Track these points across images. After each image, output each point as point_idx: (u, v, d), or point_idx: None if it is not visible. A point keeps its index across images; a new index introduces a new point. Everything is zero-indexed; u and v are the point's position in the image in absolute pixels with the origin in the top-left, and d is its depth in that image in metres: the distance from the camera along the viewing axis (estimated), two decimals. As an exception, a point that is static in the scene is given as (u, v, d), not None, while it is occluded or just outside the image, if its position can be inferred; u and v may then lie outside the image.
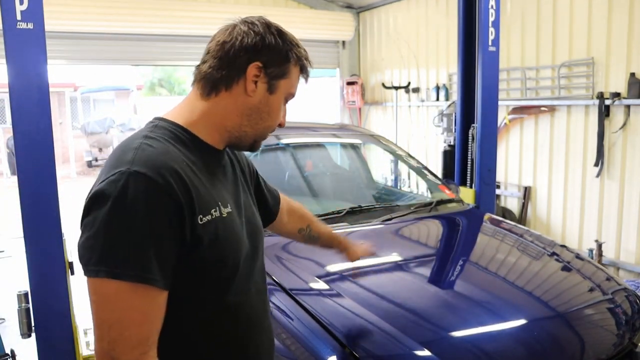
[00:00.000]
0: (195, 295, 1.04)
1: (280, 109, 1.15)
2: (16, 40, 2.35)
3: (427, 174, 3.32)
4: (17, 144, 2.41)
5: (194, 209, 0.97)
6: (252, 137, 1.15)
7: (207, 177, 1.06)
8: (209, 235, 1.00)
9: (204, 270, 1.03)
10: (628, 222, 4.41)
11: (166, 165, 0.95)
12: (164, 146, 1.01)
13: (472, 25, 4.18)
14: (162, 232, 0.92)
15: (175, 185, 0.94)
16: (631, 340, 1.84)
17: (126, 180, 0.91)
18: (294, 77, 1.15)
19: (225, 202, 1.07)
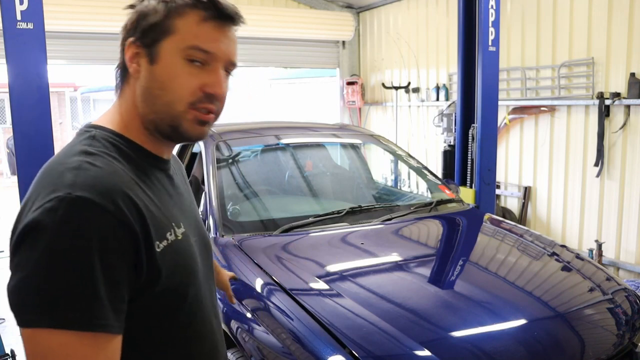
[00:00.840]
0: (157, 331, 0.89)
1: (179, 75, 0.89)
2: (16, 40, 2.35)
3: (427, 174, 3.32)
4: (17, 143, 2.41)
5: (150, 237, 0.82)
6: (163, 122, 0.91)
7: (156, 194, 0.90)
8: (167, 263, 0.85)
9: (163, 304, 0.88)
10: (628, 222, 4.41)
11: (116, 188, 0.80)
12: (110, 164, 0.84)
13: (472, 25, 4.18)
14: (115, 268, 0.77)
15: (127, 211, 0.79)
16: (631, 340, 1.84)
17: (67, 208, 0.75)
18: (189, 27, 0.88)
19: (178, 221, 0.92)
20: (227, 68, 0.94)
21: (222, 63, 0.92)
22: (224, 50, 0.92)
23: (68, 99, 14.70)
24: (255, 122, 4.17)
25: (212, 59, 0.90)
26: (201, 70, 0.90)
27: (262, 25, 6.59)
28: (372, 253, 2.35)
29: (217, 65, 0.91)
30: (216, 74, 0.91)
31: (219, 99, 0.92)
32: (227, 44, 0.92)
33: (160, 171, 0.97)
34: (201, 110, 0.91)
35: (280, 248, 2.27)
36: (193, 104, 0.90)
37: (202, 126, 0.92)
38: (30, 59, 2.38)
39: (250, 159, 3.06)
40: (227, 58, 0.93)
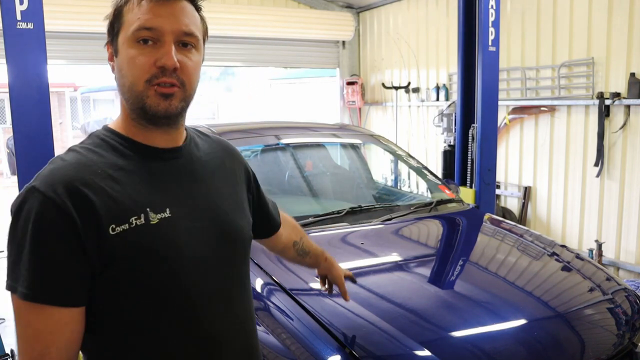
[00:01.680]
0: (125, 313, 0.95)
1: (132, 57, 0.95)
2: (16, 40, 2.35)
3: (427, 174, 3.32)
4: (17, 144, 2.41)
5: (98, 219, 0.89)
6: (134, 106, 0.97)
7: (137, 181, 0.97)
8: (127, 245, 0.91)
9: (129, 283, 0.94)
10: (628, 222, 4.41)
11: (63, 179, 0.90)
12: (79, 157, 0.95)
13: (472, 25, 4.18)
14: (52, 247, 0.88)
15: (66, 196, 0.88)
16: (631, 340, 1.84)
17: (24, 196, 0.91)
18: (132, 12, 0.95)
19: (159, 206, 0.96)
20: (181, 40, 0.97)
21: (171, 36, 0.95)
22: (170, 23, 0.95)
23: (68, 99, 14.71)
24: (255, 122, 4.17)
25: (159, 35, 0.94)
26: (152, 48, 0.95)
27: (262, 25, 6.59)
28: (372, 253, 2.35)
29: (166, 39, 0.95)
30: (165, 46, 0.94)
31: (175, 70, 0.95)
32: (172, 16, 0.95)
33: (151, 160, 1.01)
34: (161, 85, 0.95)
35: (280, 248, 2.27)
36: (150, 80, 0.94)
37: (165, 100, 0.95)
38: (30, 59, 2.38)
39: (250, 159, 3.06)
40: (175, 29, 0.95)
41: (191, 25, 0.98)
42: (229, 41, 6.64)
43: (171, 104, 0.96)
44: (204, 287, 1.01)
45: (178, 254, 0.97)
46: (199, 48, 1.01)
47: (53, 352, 0.89)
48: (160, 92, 0.95)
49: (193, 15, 1.00)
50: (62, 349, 0.91)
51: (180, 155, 1.05)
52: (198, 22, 1.01)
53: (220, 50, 6.65)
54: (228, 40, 6.61)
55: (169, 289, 0.96)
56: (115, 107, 17.11)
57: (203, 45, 1.05)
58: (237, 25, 6.45)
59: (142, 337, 0.96)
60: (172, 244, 0.96)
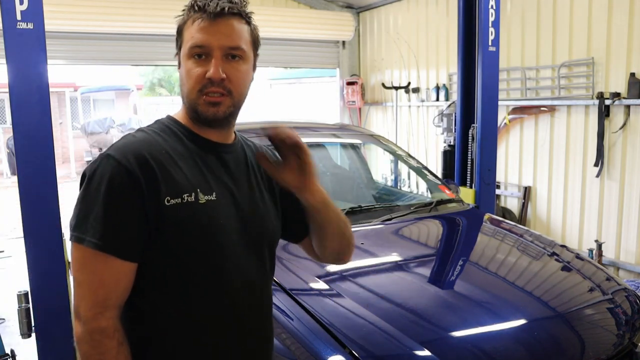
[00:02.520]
0: (165, 279, 1.08)
1: (188, 70, 1.11)
2: (16, 40, 2.35)
3: (427, 174, 3.32)
4: (17, 143, 2.41)
5: (158, 189, 1.04)
6: (190, 110, 1.13)
7: (192, 166, 1.11)
8: (176, 216, 1.06)
9: (174, 252, 1.07)
10: (628, 222, 4.41)
11: (135, 150, 1.06)
12: (147, 137, 1.12)
13: (472, 25, 4.18)
14: (120, 205, 1.03)
15: (136, 165, 1.04)
16: (631, 340, 1.84)
17: (99, 162, 1.06)
18: (188, 32, 1.12)
19: (208, 189, 1.11)
20: (228, 53, 1.11)
21: (219, 51, 1.09)
22: (218, 40, 1.09)
23: (68, 99, 14.70)
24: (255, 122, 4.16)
25: (209, 50, 1.09)
26: (204, 62, 1.10)
27: (262, 25, 6.40)
28: (372, 253, 2.35)
29: (215, 54, 1.09)
30: (213, 61, 1.09)
31: (222, 81, 1.09)
32: (219, 33, 1.09)
33: (205, 151, 1.15)
34: (210, 95, 1.10)
35: (280, 248, 2.27)
36: (201, 90, 1.10)
37: (214, 107, 1.10)
38: (30, 59, 2.38)
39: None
40: (221, 45, 1.09)
41: (237, 40, 1.11)
42: (229, 41, 6.63)
43: (218, 110, 1.11)
44: (237, 266, 1.14)
45: (219, 231, 1.10)
46: (246, 58, 1.14)
47: (113, 298, 1.04)
48: (208, 101, 1.10)
49: (240, 30, 1.12)
50: (120, 296, 1.05)
51: (230, 151, 1.20)
52: (245, 35, 1.14)
53: (220, 50, 6.64)
54: (228, 41, 6.61)
55: (203, 262, 1.09)
56: (115, 106, 17.12)
57: (254, 51, 1.18)
58: (237, 25, 6.43)
59: (175, 304, 1.09)
60: (214, 222, 1.10)
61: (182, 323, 1.10)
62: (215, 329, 1.12)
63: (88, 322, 1.02)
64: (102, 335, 1.02)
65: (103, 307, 1.03)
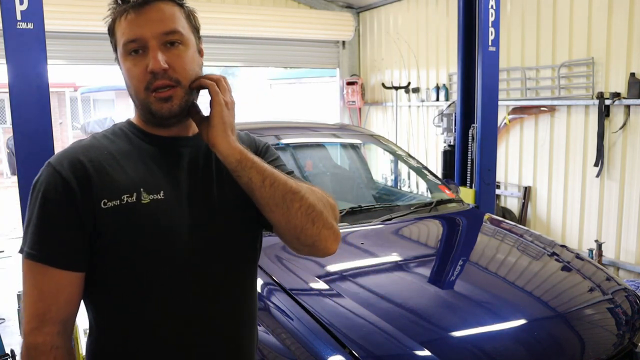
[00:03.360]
0: (114, 286, 1.03)
1: (129, 69, 1.03)
2: (16, 40, 2.35)
3: (427, 174, 3.32)
4: (17, 143, 2.41)
5: (93, 193, 0.99)
6: (142, 111, 1.06)
7: (139, 165, 1.04)
8: (115, 219, 0.99)
9: (117, 257, 1.01)
10: (628, 222, 4.41)
11: (71, 155, 1.02)
12: (92, 141, 1.07)
13: (472, 25, 4.18)
14: (53, 213, 0.99)
15: (70, 170, 0.99)
16: (631, 340, 1.84)
17: (41, 171, 1.04)
18: (118, 28, 1.04)
19: (155, 188, 1.03)
20: (166, 40, 1.02)
21: (154, 41, 1.01)
22: (150, 29, 1.00)
23: (68, 99, 14.72)
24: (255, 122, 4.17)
25: (143, 43, 1.01)
26: (143, 57, 1.01)
27: (262, 25, 6.59)
28: (372, 253, 2.35)
29: (150, 45, 1.01)
30: (150, 52, 1.00)
31: (166, 72, 1.00)
32: (150, 22, 1.01)
33: (157, 147, 1.08)
34: (158, 90, 1.01)
35: (280, 248, 2.27)
36: (147, 87, 1.01)
37: (167, 102, 1.02)
38: (30, 59, 2.38)
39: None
40: (155, 33, 1.01)
41: (170, 24, 1.02)
42: (229, 41, 6.64)
43: (173, 105, 1.02)
44: (188, 270, 1.05)
45: (163, 234, 1.02)
46: (186, 42, 1.04)
47: (53, 312, 0.99)
48: (158, 97, 1.01)
49: (172, 13, 1.03)
50: (62, 309, 1.00)
51: (187, 144, 1.10)
52: (179, 18, 1.04)
53: (220, 50, 6.65)
54: (228, 40, 6.61)
55: (151, 265, 1.02)
56: (115, 106, 17.13)
57: (195, 34, 1.08)
58: (237, 25, 6.45)
59: (128, 309, 1.03)
60: (158, 224, 1.02)
61: (138, 335, 1.03)
62: (174, 340, 1.04)
63: (25, 337, 0.98)
64: (36, 351, 0.97)
65: (40, 322, 0.97)
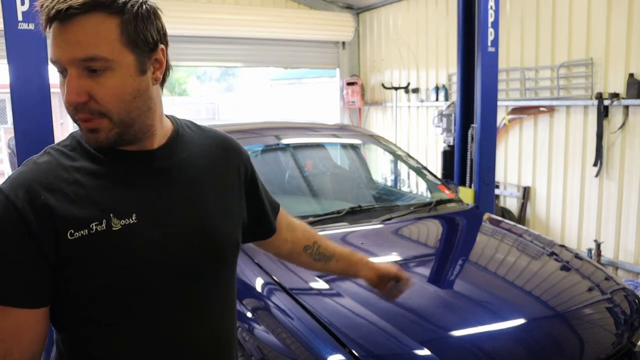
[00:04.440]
0: (88, 316, 0.94)
1: (61, 90, 0.89)
2: (17, 41, 2.36)
3: (426, 174, 3.33)
4: (18, 144, 2.42)
5: (56, 224, 0.88)
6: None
7: (105, 186, 0.93)
8: (84, 250, 0.89)
9: (89, 287, 0.92)
10: (627, 222, 4.42)
11: (26, 182, 0.89)
12: (50, 160, 0.94)
13: (472, 25, 4.19)
14: (11, 249, 0.87)
15: (26, 200, 0.87)
16: (630, 339, 1.85)
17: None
18: (51, 41, 0.87)
19: (126, 212, 0.92)
20: (85, 67, 0.86)
21: (72, 67, 0.86)
22: (65, 53, 0.85)
23: (68, 99, 14.68)
24: (255, 122, 4.18)
25: (62, 67, 0.87)
26: (66, 81, 0.87)
27: (262, 25, 6.60)
28: (372, 253, 2.36)
29: (69, 71, 0.86)
30: (67, 82, 0.87)
31: (86, 104, 0.87)
32: (66, 44, 0.85)
33: (127, 164, 0.96)
34: (83, 121, 0.90)
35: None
36: (73, 115, 0.90)
37: (92, 134, 0.90)
38: (31, 59, 2.39)
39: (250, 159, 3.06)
40: (70, 58, 0.85)
41: (89, 49, 0.84)
42: (229, 41, 6.64)
43: (98, 137, 0.91)
44: (167, 296, 0.97)
45: (138, 262, 0.93)
46: (115, 67, 0.87)
47: (16, 354, 0.89)
48: (86, 127, 0.90)
49: (95, 32, 0.85)
50: (25, 350, 0.91)
51: (157, 157, 0.99)
52: (108, 34, 0.86)
53: (220, 50, 6.66)
54: (228, 41, 6.61)
55: (127, 296, 0.93)
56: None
57: (135, 51, 0.89)
58: (237, 26, 6.45)
59: (103, 340, 0.95)
60: (132, 252, 0.92)
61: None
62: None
63: None
64: None
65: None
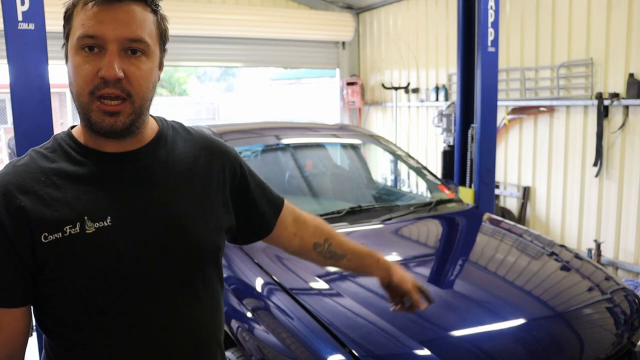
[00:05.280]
0: (65, 317, 0.95)
1: (77, 65, 0.90)
2: (17, 41, 2.36)
3: (426, 174, 3.33)
4: (18, 144, 2.42)
5: (30, 227, 0.89)
6: (82, 117, 0.95)
7: (82, 189, 0.94)
8: (58, 254, 0.90)
9: (65, 290, 0.92)
10: (627, 222, 4.42)
11: (2, 185, 0.92)
12: (29, 162, 0.96)
13: (472, 26, 4.19)
14: None
15: (1, 204, 0.90)
16: (630, 339, 1.85)
17: None
18: (77, 19, 0.90)
19: (100, 214, 0.92)
20: (128, 47, 0.90)
21: (115, 44, 0.89)
22: (113, 30, 0.88)
23: (69, 99, 14.71)
24: (255, 122, 4.18)
25: (102, 42, 0.89)
26: (97, 57, 0.89)
27: (262, 25, 6.60)
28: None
29: (110, 47, 0.89)
30: (108, 56, 0.89)
31: (120, 81, 0.90)
32: (116, 22, 0.89)
33: (102, 166, 0.97)
34: (104, 100, 0.90)
35: (281, 248, 2.28)
36: (93, 92, 0.90)
37: (110, 117, 0.91)
38: (31, 59, 2.39)
39: (251, 159, 3.07)
40: (119, 37, 0.89)
41: (138, 30, 0.90)
42: (230, 42, 6.65)
43: (117, 120, 0.92)
44: (142, 299, 0.96)
45: (112, 265, 0.92)
46: (150, 54, 0.93)
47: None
48: (103, 109, 0.90)
49: (143, 19, 0.91)
50: (4, 346, 0.92)
51: (136, 158, 0.99)
52: (150, 26, 0.93)
53: (220, 50, 6.66)
54: (228, 41, 6.62)
55: (103, 299, 0.93)
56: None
57: (161, 47, 0.97)
58: (237, 26, 6.45)
59: (81, 342, 0.95)
60: (106, 255, 0.92)
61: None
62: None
63: None
64: None
65: None
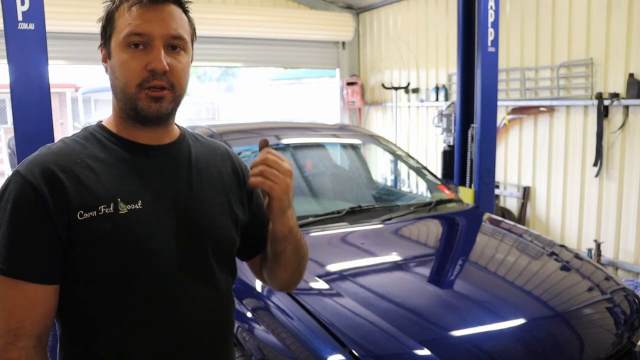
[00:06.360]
0: (89, 299, 0.99)
1: (125, 62, 1.00)
2: (17, 41, 2.36)
3: (426, 174, 3.33)
4: (18, 144, 2.42)
5: (68, 204, 0.95)
6: (126, 107, 1.02)
7: (115, 173, 1.01)
8: (92, 231, 0.96)
9: (93, 270, 0.98)
10: (627, 222, 4.42)
11: (42, 163, 0.98)
12: (63, 147, 1.03)
13: (472, 26, 4.19)
14: (25, 225, 0.95)
15: (42, 179, 0.95)
16: (630, 339, 1.85)
17: (9, 179, 0.99)
18: (123, 18, 1.00)
19: (133, 198, 1.00)
20: (170, 43, 1.01)
21: (160, 40, 1.00)
22: (159, 27, 0.99)
23: (69, 99, 14.71)
24: (255, 122, 4.18)
25: (149, 39, 0.99)
26: (143, 53, 0.99)
27: (262, 25, 6.60)
28: (372, 253, 2.36)
29: (156, 43, 0.99)
30: (155, 51, 0.99)
31: (165, 73, 1.00)
32: (161, 21, 1.00)
33: (134, 155, 1.05)
34: (152, 89, 1.00)
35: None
36: (141, 84, 0.99)
37: (156, 102, 1.01)
38: (31, 59, 2.39)
39: (251, 159, 3.06)
40: (164, 34, 1.00)
41: (179, 29, 1.02)
42: (230, 42, 6.64)
43: (162, 106, 1.01)
44: (166, 282, 1.02)
45: (142, 246, 0.99)
46: (187, 49, 1.05)
47: (27, 326, 0.95)
48: (150, 95, 1.00)
49: (181, 19, 1.03)
50: (36, 322, 0.96)
51: (165, 152, 1.08)
52: (186, 25, 1.05)
53: (220, 50, 6.65)
54: (228, 41, 6.61)
55: (128, 278, 0.99)
56: (115, 107, 17.13)
57: (192, 45, 1.08)
58: (237, 26, 6.45)
59: (103, 323, 1.00)
60: (136, 235, 0.99)
61: (114, 349, 1.00)
62: (150, 355, 1.02)
63: (0, 352, 0.95)
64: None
65: (15, 337, 0.94)
